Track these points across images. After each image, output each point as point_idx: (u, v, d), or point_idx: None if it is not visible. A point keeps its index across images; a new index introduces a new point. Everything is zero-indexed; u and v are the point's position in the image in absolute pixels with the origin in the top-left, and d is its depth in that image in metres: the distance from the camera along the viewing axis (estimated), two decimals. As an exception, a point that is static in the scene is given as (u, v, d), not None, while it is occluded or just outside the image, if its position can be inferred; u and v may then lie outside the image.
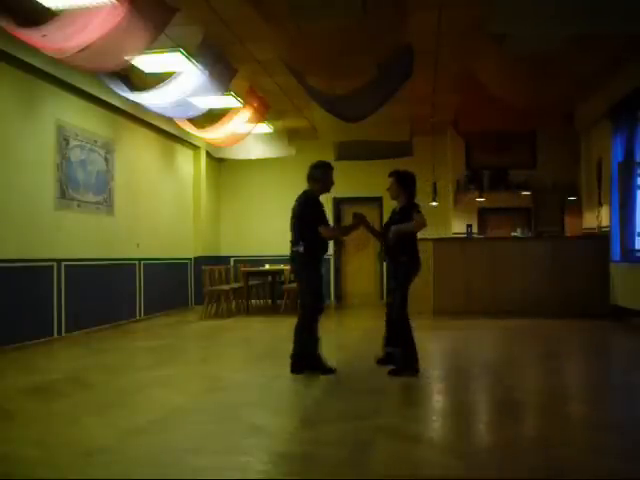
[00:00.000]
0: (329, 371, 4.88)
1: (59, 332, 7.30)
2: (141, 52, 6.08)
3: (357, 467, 2.84)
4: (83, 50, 5.09)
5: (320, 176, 5.15)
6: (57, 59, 5.55)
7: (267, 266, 10.56)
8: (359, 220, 5.09)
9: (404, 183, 5.04)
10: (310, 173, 5.17)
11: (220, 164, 12.71)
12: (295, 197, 5.21)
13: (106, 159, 8.54)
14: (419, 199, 5.15)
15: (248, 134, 9.79)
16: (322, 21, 6.36)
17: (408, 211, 4.90)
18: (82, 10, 5.01)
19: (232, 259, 12.55)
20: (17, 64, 6.54)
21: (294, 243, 4.99)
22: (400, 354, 4.82)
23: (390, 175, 5.15)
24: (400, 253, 4.87)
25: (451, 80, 8.53)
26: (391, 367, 4.82)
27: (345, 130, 9.58)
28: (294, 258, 4.99)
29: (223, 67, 7.31)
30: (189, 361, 6.12)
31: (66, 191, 7.55)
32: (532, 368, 4.90)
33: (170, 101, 7.24)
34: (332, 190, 5.22)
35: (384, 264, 5.15)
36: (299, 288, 5.17)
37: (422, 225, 4.84)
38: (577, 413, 3.97)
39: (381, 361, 5.03)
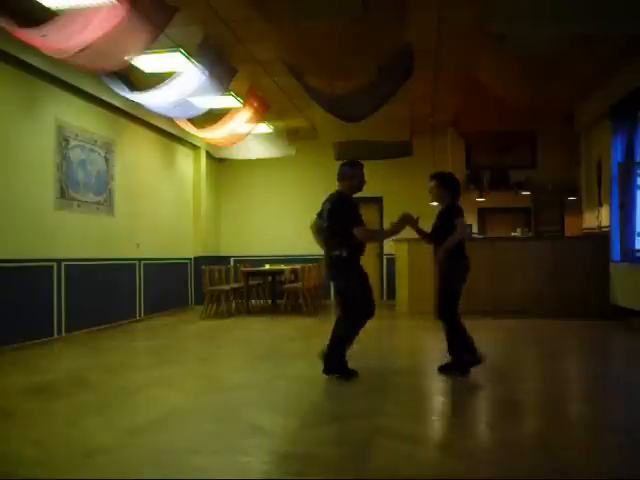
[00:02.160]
0: (352, 375, 4.73)
1: (59, 332, 7.30)
2: (141, 52, 6.08)
3: (357, 467, 2.84)
4: (83, 50, 5.10)
5: (351, 174, 4.84)
6: (57, 59, 5.55)
7: (267, 266, 10.56)
8: (406, 221, 4.81)
9: (447, 185, 4.91)
10: (340, 171, 4.87)
11: (220, 164, 12.71)
12: (294, 197, 5.14)
13: (106, 159, 8.54)
14: (419, 199, 5.14)
15: (248, 134, 9.79)
16: (322, 19, 6.36)
17: (449, 217, 4.78)
18: (82, 10, 5.01)
19: (232, 259, 12.55)
20: (17, 64, 6.54)
21: (332, 247, 4.72)
22: (454, 354, 4.76)
23: (432, 178, 5.01)
24: (446, 257, 4.75)
25: (451, 80, 8.53)
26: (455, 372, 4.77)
27: (345, 130, 9.59)
28: (334, 263, 4.72)
29: (223, 67, 7.31)
30: (189, 361, 6.11)
31: (66, 191, 7.55)
32: (532, 368, 4.90)
33: (170, 101, 7.24)
34: (330, 190, 4.98)
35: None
36: (342, 295, 4.86)
37: (462, 232, 4.76)
38: (577, 413, 3.97)
39: (442, 368, 4.87)
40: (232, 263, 12.25)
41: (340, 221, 4.69)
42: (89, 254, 7.99)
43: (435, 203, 5.20)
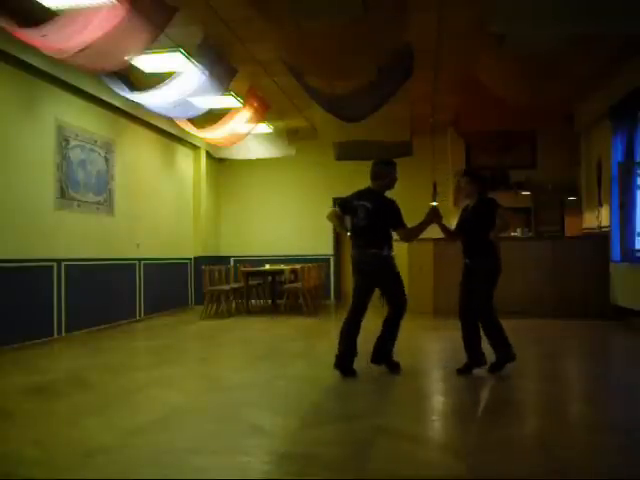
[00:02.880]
0: (397, 367, 4.90)
1: (59, 332, 7.30)
2: (141, 52, 6.08)
3: (357, 467, 2.84)
4: (83, 50, 5.10)
5: (387, 172, 4.88)
6: (57, 59, 5.55)
7: (267, 266, 10.56)
8: (433, 215, 4.90)
9: (479, 182, 4.91)
10: (376, 170, 4.89)
11: (220, 164, 12.71)
12: (294, 197, 5.16)
13: (106, 159, 8.54)
14: (419, 199, 5.14)
15: (248, 134, 9.79)
16: (322, 19, 6.36)
17: (488, 209, 4.76)
18: (82, 10, 5.01)
19: (232, 259, 12.55)
20: (17, 64, 6.55)
21: (372, 245, 4.76)
22: (498, 350, 4.76)
23: (463, 175, 5.05)
24: (482, 254, 4.77)
25: (451, 80, 8.53)
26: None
27: (345, 130, 9.59)
28: (376, 262, 4.78)
29: (223, 67, 7.31)
30: (189, 361, 6.11)
31: (66, 191, 7.55)
32: (532, 368, 4.90)
33: (170, 101, 7.25)
34: (330, 190, 5.10)
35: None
36: (391, 290, 4.96)
37: (508, 224, 4.84)
38: (577, 413, 3.97)
39: (461, 370, 4.84)
40: (232, 263, 12.25)
41: (386, 221, 4.77)
42: (89, 254, 7.99)
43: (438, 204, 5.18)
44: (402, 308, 4.96)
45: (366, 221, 4.78)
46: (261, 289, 11.28)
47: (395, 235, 4.89)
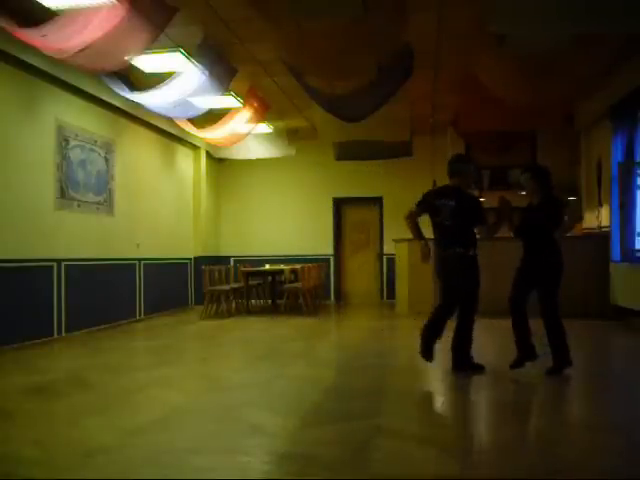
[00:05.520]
0: (479, 368, 4.82)
1: (59, 332, 7.30)
2: (141, 52, 6.08)
3: (357, 467, 2.84)
4: (83, 50, 5.10)
5: (466, 170, 4.84)
6: (57, 59, 5.55)
7: (267, 266, 10.56)
8: (505, 206, 4.88)
9: (541, 178, 4.83)
10: (456, 168, 4.83)
11: (220, 164, 12.71)
12: (294, 197, 5.13)
13: (106, 159, 8.53)
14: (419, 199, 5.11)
15: (248, 134, 9.79)
16: (322, 19, 6.36)
17: (552, 207, 4.73)
18: (82, 10, 5.01)
19: (232, 259, 12.55)
20: (17, 64, 6.54)
21: (458, 244, 4.71)
22: (557, 354, 4.73)
23: (525, 171, 4.94)
24: (549, 253, 4.71)
25: (451, 80, 8.52)
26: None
27: (345, 130, 9.58)
28: (462, 261, 4.73)
29: (223, 67, 7.31)
30: (189, 361, 6.12)
31: (66, 191, 7.54)
32: (532, 368, 4.89)
33: (170, 101, 7.24)
34: (330, 190, 5.04)
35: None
36: (466, 291, 4.83)
37: (574, 223, 4.83)
38: (577, 413, 3.97)
39: (515, 364, 4.81)
40: (232, 263, 12.25)
41: (471, 219, 4.72)
42: (89, 254, 7.99)
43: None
44: (472, 315, 4.85)
45: (452, 220, 4.70)
46: (261, 289, 11.28)
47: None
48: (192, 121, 8.84)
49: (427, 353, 4.80)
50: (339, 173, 11.95)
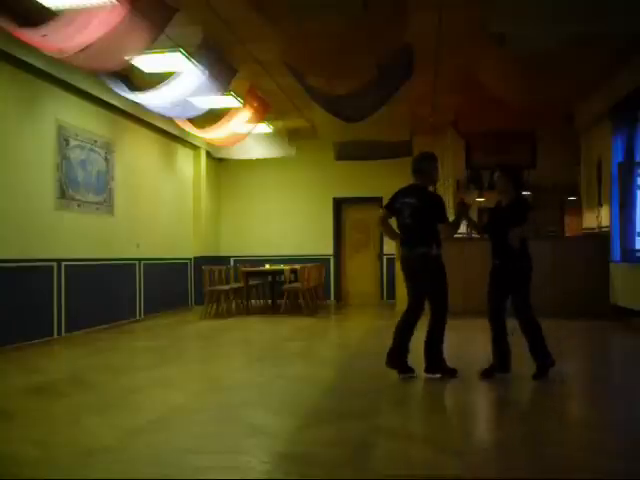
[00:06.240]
0: (451, 372, 4.69)
1: (59, 332, 7.30)
2: (141, 52, 6.07)
3: (357, 467, 2.84)
4: (83, 50, 5.09)
5: (429, 168, 4.82)
6: (57, 59, 5.55)
7: (267, 266, 10.57)
8: (463, 208, 4.87)
9: (512, 178, 4.79)
10: (419, 166, 4.83)
11: (220, 164, 12.71)
12: (294, 197, 5.11)
13: (106, 159, 8.53)
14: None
15: (248, 134, 9.79)
16: (322, 18, 6.36)
17: (521, 209, 4.69)
18: (82, 10, 5.00)
19: (232, 259, 12.55)
20: (17, 64, 6.54)
21: (419, 243, 4.65)
22: (538, 357, 4.67)
23: (496, 170, 4.93)
24: (514, 254, 4.63)
25: (451, 80, 8.52)
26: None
27: (345, 130, 9.59)
28: (424, 260, 4.64)
29: (223, 67, 7.31)
30: (189, 361, 6.12)
31: (66, 191, 7.54)
32: (531, 368, 4.89)
33: (170, 101, 7.24)
34: (330, 190, 4.99)
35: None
36: (433, 291, 4.74)
37: (532, 229, 4.72)
38: (576, 412, 3.97)
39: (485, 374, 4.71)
40: (232, 263, 12.25)
41: (432, 218, 4.66)
42: (89, 254, 7.99)
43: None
44: (443, 315, 4.73)
45: (412, 219, 4.67)
46: (261, 289, 11.29)
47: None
48: (192, 121, 8.84)
49: (393, 360, 4.67)
50: (339, 173, 11.94)
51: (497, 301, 4.79)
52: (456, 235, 5.06)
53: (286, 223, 12.49)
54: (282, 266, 10.44)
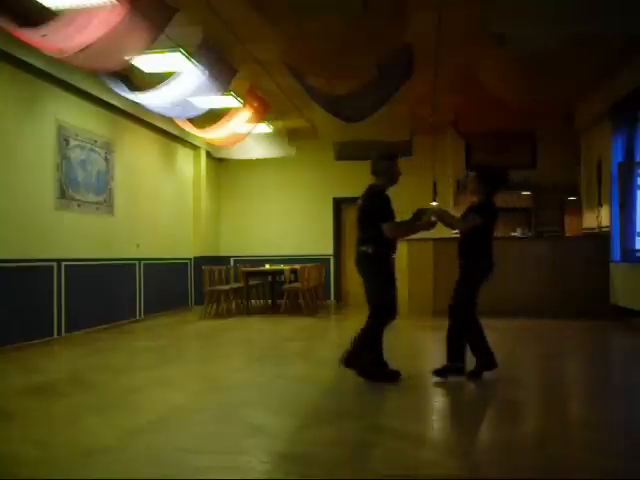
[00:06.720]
0: (393, 377, 4.58)
1: (59, 332, 7.30)
2: (141, 52, 6.07)
3: (357, 467, 2.84)
4: (83, 50, 5.09)
5: (384, 169, 4.74)
6: (57, 59, 5.55)
7: (267, 266, 10.57)
8: (419, 214, 4.78)
9: (484, 181, 4.77)
10: (374, 167, 4.78)
11: (220, 164, 12.71)
12: (294, 197, 5.09)
13: (106, 159, 8.53)
14: (419, 199, 5.10)
15: (248, 134, 9.79)
16: (322, 19, 6.36)
17: (473, 210, 4.74)
18: (82, 10, 5.00)
19: (232, 259, 12.55)
20: (17, 64, 6.54)
21: (360, 243, 4.64)
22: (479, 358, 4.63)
23: (472, 170, 4.95)
24: (465, 253, 4.67)
25: (451, 80, 8.52)
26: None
27: (345, 130, 9.58)
28: (361, 260, 4.64)
29: (223, 67, 7.31)
30: (189, 361, 6.12)
31: (66, 191, 7.54)
32: (532, 368, 4.90)
33: (170, 101, 7.24)
34: (330, 190, 4.95)
35: None
36: (366, 292, 4.71)
37: (465, 228, 4.70)
38: (577, 413, 3.97)
39: (438, 372, 4.66)
40: (232, 263, 12.25)
41: (370, 216, 4.60)
42: (89, 254, 7.99)
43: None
44: (375, 316, 4.58)
45: (357, 219, 4.70)
46: (261, 289, 11.29)
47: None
48: (192, 121, 8.84)
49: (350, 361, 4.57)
50: (339, 173, 11.93)
51: (468, 301, 4.72)
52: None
53: (286, 223, 12.49)
54: (282, 266, 10.44)
